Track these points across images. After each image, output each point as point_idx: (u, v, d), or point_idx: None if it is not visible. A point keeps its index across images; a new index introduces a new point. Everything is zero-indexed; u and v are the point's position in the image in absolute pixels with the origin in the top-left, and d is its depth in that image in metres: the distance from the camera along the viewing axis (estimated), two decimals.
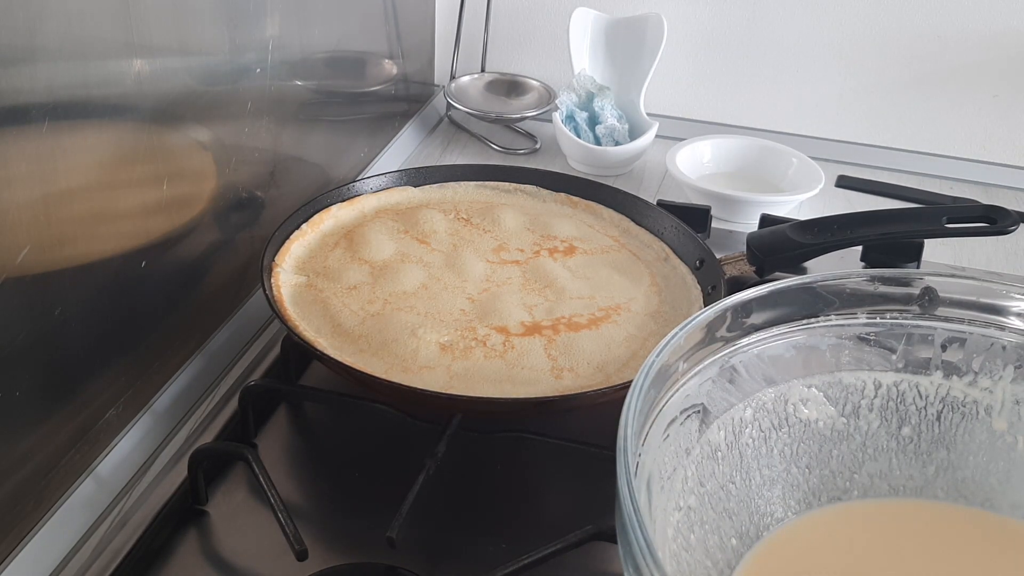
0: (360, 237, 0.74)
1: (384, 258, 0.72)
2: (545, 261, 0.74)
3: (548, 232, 0.77)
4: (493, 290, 0.70)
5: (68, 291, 0.55)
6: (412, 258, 0.73)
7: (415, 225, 0.77)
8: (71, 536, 0.57)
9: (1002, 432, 0.53)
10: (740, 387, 0.51)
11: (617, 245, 0.77)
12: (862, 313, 0.53)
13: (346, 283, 0.69)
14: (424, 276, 0.71)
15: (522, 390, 0.60)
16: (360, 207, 0.79)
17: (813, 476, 0.53)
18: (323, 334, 0.64)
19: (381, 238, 0.74)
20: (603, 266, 0.74)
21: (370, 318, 0.66)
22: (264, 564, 0.57)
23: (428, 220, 0.77)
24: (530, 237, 0.77)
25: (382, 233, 0.75)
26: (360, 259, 0.72)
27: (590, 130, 1.06)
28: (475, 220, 0.78)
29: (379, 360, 0.62)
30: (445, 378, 0.61)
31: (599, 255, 0.76)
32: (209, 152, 0.68)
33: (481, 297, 0.69)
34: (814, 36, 1.09)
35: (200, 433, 0.65)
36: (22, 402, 0.52)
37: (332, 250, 0.73)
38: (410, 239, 0.75)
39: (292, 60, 0.79)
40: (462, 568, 0.57)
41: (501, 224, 0.78)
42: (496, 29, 1.16)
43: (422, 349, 0.63)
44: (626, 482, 0.38)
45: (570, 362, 0.63)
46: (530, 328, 0.66)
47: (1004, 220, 0.75)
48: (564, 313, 0.67)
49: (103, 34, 0.55)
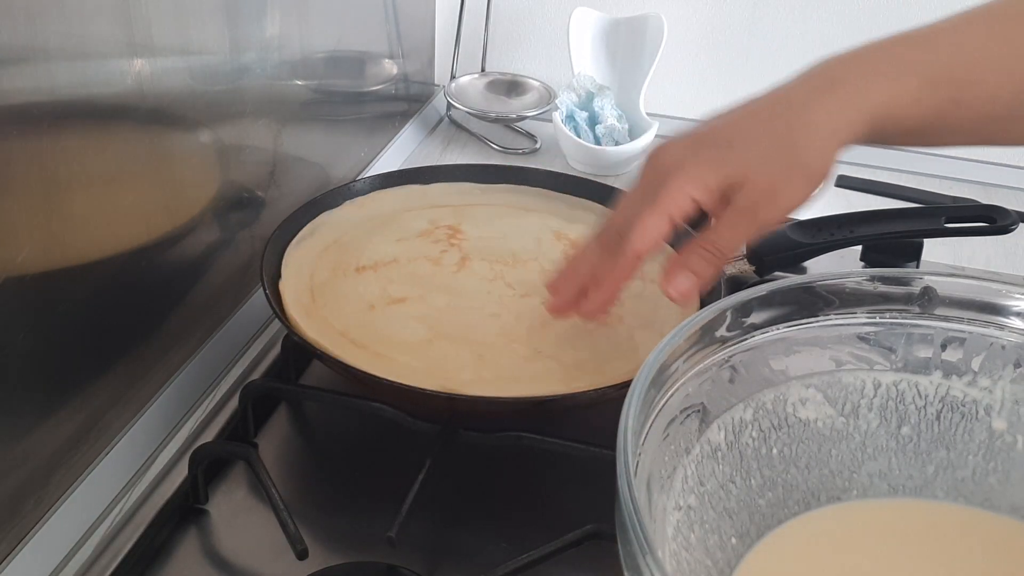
0: (376, 237, 0.74)
1: (389, 260, 0.72)
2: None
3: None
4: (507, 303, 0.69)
5: (68, 291, 0.55)
6: (421, 262, 0.72)
7: (428, 227, 0.76)
8: (71, 536, 0.57)
9: (1002, 432, 0.53)
10: (740, 387, 0.51)
11: None
12: (862, 313, 0.53)
13: (353, 286, 0.69)
14: (435, 288, 0.69)
15: (524, 388, 0.60)
16: (370, 208, 0.79)
17: (812, 476, 0.53)
18: (325, 336, 0.64)
19: (396, 237, 0.74)
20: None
21: (371, 318, 0.66)
22: (264, 563, 0.57)
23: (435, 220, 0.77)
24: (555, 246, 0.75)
25: (398, 233, 0.75)
26: (365, 264, 0.71)
27: (590, 130, 1.06)
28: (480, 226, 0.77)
29: (380, 360, 0.62)
30: (445, 377, 0.61)
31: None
32: (209, 152, 0.68)
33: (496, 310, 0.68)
34: (814, 36, 1.09)
35: (200, 432, 0.65)
36: (22, 402, 0.53)
37: (325, 253, 0.73)
38: (423, 240, 0.74)
39: (292, 60, 0.79)
40: (462, 567, 0.57)
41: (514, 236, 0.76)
42: (496, 29, 1.16)
43: (423, 347, 0.63)
44: (626, 482, 0.38)
45: (575, 359, 0.63)
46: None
47: (1004, 220, 0.75)
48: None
49: (103, 34, 0.55)
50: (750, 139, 0.53)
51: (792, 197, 0.53)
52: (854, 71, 0.53)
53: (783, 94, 0.54)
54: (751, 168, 0.52)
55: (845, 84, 0.52)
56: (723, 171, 0.52)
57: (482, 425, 0.61)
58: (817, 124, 0.51)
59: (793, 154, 0.52)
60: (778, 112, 0.53)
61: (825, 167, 0.52)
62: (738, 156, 0.53)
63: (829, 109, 0.51)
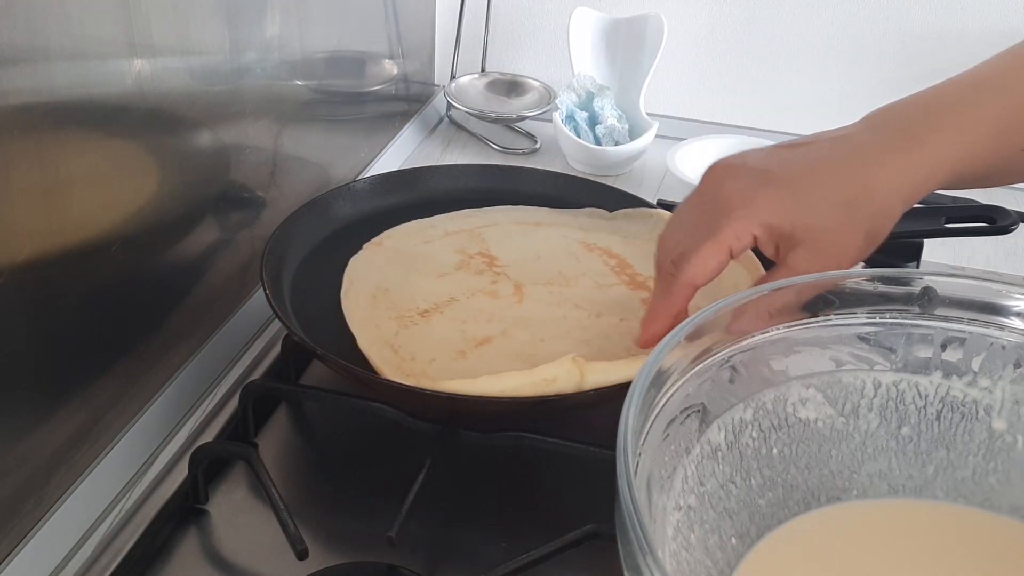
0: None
1: (447, 299, 0.70)
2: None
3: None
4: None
5: (68, 291, 0.55)
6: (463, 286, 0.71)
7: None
8: (71, 536, 0.57)
9: (1001, 432, 0.53)
10: (740, 387, 0.51)
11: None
12: (862, 313, 0.53)
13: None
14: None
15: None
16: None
17: (812, 476, 0.53)
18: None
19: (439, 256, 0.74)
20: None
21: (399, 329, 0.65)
22: (264, 563, 0.57)
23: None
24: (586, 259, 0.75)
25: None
26: (426, 308, 0.69)
27: (590, 130, 1.06)
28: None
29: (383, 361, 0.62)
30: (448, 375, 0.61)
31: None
32: (209, 152, 0.68)
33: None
34: (814, 36, 1.09)
35: (200, 432, 0.66)
36: (22, 402, 0.53)
37: (376, 302, 0.71)
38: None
39: (292, 60, 0.79)
40: (462, 567, 0.57)
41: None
42: (496, 29, 1.16)
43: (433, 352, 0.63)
44: (626, 482, 0.38)
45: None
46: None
47: (1004, 220, 0.75)
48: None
49: (103, 34, 0.55)
50: (820, 188, 0.52)
51: (846, 258, 0.53)
52: (927, 125, 0.52)
53: (858, 144, 0.53)
54: (815, 223, 0.52)
55: (920, 142, 0.51)
56: (789, 218, 0.52)
57: (482, 425, 0.61)
58: (889, 182, 0.51)
59: (859, 216, 0.52)
60: (850, 164, 0.52)
61: (886, 229, 0.53)
62: (805, 205, 0.52)
63: (902, 168, 0.51)
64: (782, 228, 0.52)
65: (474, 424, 0.61)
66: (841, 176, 0.52)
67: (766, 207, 0.52)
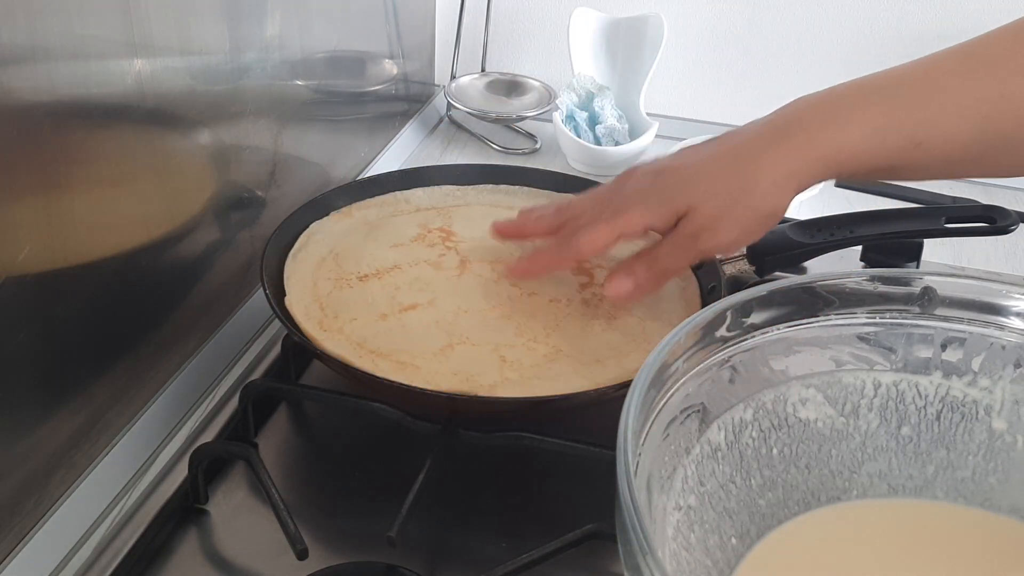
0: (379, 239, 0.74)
1: (390, 267, 0.71)
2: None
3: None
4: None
5: (68, 291, 0.55)
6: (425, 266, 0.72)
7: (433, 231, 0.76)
8: (71, 535, 0.57)
9: (1001, 432, 0.53)
10: (740, 387, 0.51)
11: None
12: (862, 313, 0.53)
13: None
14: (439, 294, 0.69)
15: (550, 387, 0.60)
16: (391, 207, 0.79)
17: (812, 476, 0.53)
18: (345, 349, 0.63)
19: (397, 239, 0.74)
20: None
21: (384, 326, 0.65)
22: (264, 563, 0.57)
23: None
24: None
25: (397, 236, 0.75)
26: (367, 272, 0.70)
27: (590, 130, 1.06)
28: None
29: (406, 368, 0.62)
30: (472, 381, 0.61)
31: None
32: (209, 152, 0.68)
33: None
34: (814, 36, 1.09)
35: (200, 432, 0.66)
36: (22, 402, 0.53)
37: (323, 264, 0.72)
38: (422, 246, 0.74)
39: (292, 60, 0.79)
40: (462, 567, 0.57)
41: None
42: (496, 29, 1.16)
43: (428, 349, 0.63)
44: (626, 482, 0.38)
45: (593, 354, 0.63)
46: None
47: (1004, 220, 0.75)
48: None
49: (104, 34, 0.55)
50: (705, 178, 0.60)
51: (732, 229, 0.60)
52: (810, 118, 0.58)
53: (741, 142, 0.60)
54: (699, 200, 0.59)
55: (796, 134, 0.58)
56: (674, 205, 0.60)
57: (482, 425, 0.61)
58: (765, 171, 0.58)
59: (740, 193, 0.59)
60: (732, 161, 0.60)
61: (771, 206, 0.59)
62: (691, 191, 0.60)
63: (775, 159, 0.58)
64: (672, 214, 0.60)
65: (474, 424, 0.61)
66: (726, 169, 0.60)
67: (658, 200, 0.61)
